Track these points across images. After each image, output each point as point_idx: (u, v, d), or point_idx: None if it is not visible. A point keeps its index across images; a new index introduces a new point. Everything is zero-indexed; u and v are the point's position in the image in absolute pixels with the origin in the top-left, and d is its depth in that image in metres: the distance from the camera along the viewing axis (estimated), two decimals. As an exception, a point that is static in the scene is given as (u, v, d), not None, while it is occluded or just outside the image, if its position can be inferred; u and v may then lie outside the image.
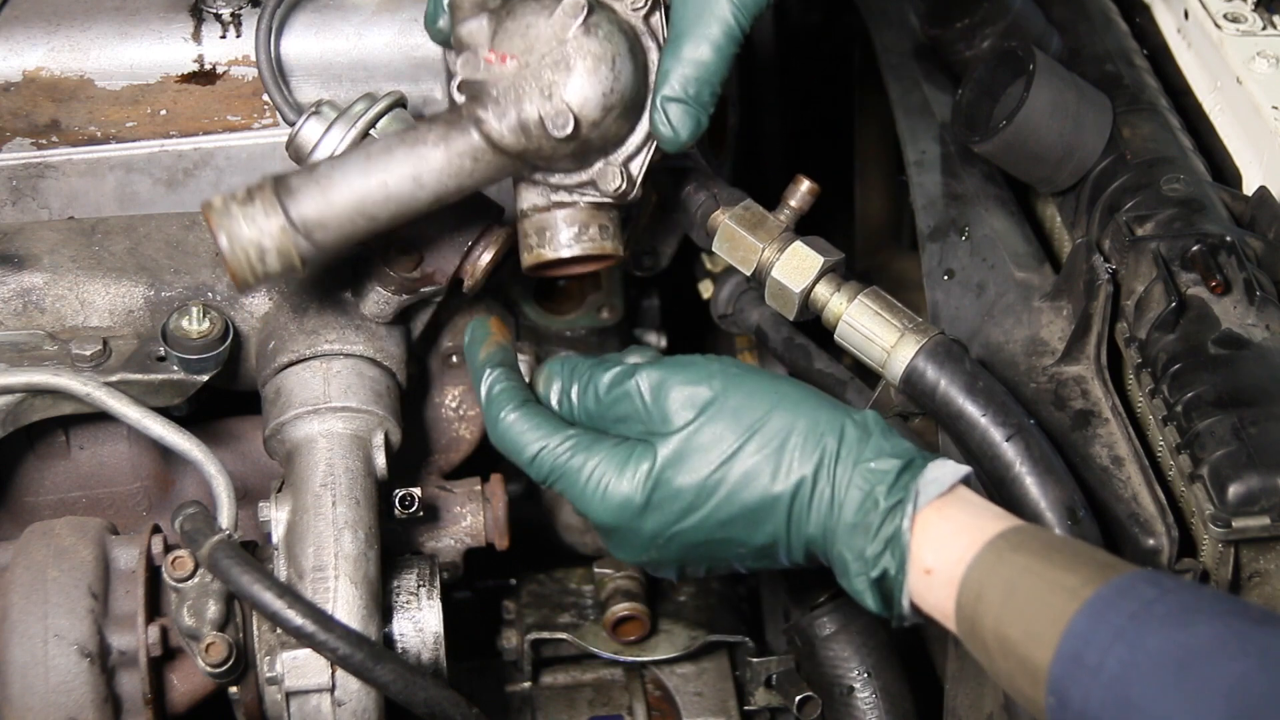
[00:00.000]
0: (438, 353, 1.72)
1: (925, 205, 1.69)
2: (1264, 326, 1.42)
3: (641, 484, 1.29)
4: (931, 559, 1.20)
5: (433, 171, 1.34)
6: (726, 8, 1.30)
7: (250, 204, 1.32)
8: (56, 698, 1.36)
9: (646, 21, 1.36)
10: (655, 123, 1.33)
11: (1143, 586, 1.06)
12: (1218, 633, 1.01)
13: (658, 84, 1.33)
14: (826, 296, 1.45)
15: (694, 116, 1.32)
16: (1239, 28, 1.70)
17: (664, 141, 1.34)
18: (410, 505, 1.54)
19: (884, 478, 1.23)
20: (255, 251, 1.32)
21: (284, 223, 1.32)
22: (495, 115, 1.32)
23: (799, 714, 1.77)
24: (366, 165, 1.34)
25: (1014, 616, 1.11)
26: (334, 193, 1.33)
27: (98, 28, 1.60)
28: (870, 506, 1.22)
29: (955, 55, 1.75)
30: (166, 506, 1.64)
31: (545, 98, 1.30)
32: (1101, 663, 1.03)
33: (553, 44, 1.30)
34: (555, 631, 1.85)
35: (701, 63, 1.31)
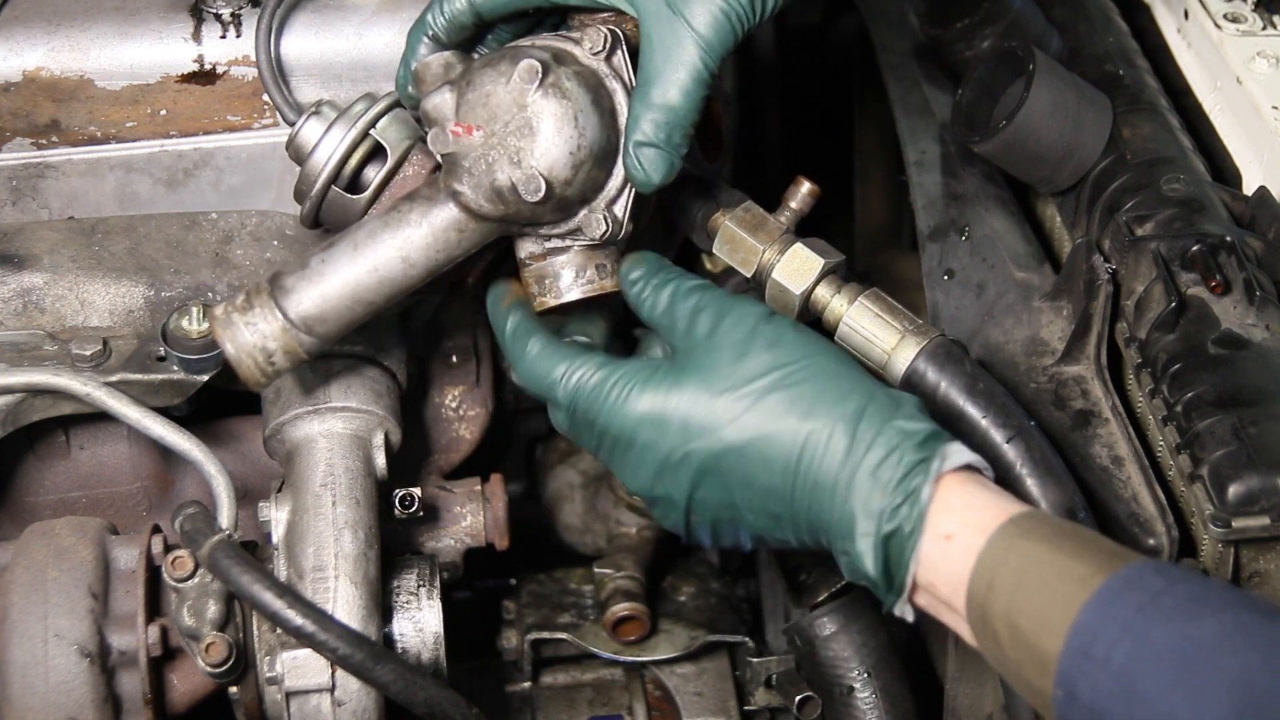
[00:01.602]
0: (438, 353, 1.72)
1: (925, 205, 1.69)
2: (1264, 326, 1.42)
3: (664, 393, 1.30)
4: (952, 525, 1.19)
5: (420, 250, 1.36)
6: (694, 51, 1.30)
7: (250, 310, 1.36)
8: (56, 698, 1.36)
9: (608, 63, 1.36)
10: (629, 167, 1.33)
11: (1150, 577, 1.06)
12: (1224, 626, 1.01)
13: (628, 130, 1.33)
14: (827, 298, 1.45)
15: (666, 159, 1.33)
16: (1239, 28, 1.70)
17: (638, 185, 1.34)
18: (410, 505, 1.54)
19: (912, 436, 1.23)
20: (262, 356, 1.36)
21: (284, 323, 1.35)
22: (470, 186, 1.33)
23: (799, 714, 1.77)
24: (354, 254, 1.36)
25: (1024, 604, 1.11)
26: (328, 286, 1.36)
27: (98, 28, 1.60)
28: (894, 461, 1.22)
29: (955, 55, 1.75)
30: (166, 506, 1.64)
31: (514, 165, 1.31)
32: (1109, 656, 1.03)
33: (514, 110, 1.31)
34: (555, 631, 1.85)
35: (670, 107, 1.31)
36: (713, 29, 1.30)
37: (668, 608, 1.89)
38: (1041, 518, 1.20)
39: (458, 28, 1.41)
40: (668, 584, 1.94)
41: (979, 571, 1.16)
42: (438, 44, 1.42)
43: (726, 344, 1.30)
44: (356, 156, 1.48)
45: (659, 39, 1.31)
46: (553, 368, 1.35)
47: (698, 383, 1.29)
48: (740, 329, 1.31)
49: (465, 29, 1.41)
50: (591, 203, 1.36)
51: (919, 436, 1.23)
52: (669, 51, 1.31)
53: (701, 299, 1.35)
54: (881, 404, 1.26)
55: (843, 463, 1.24)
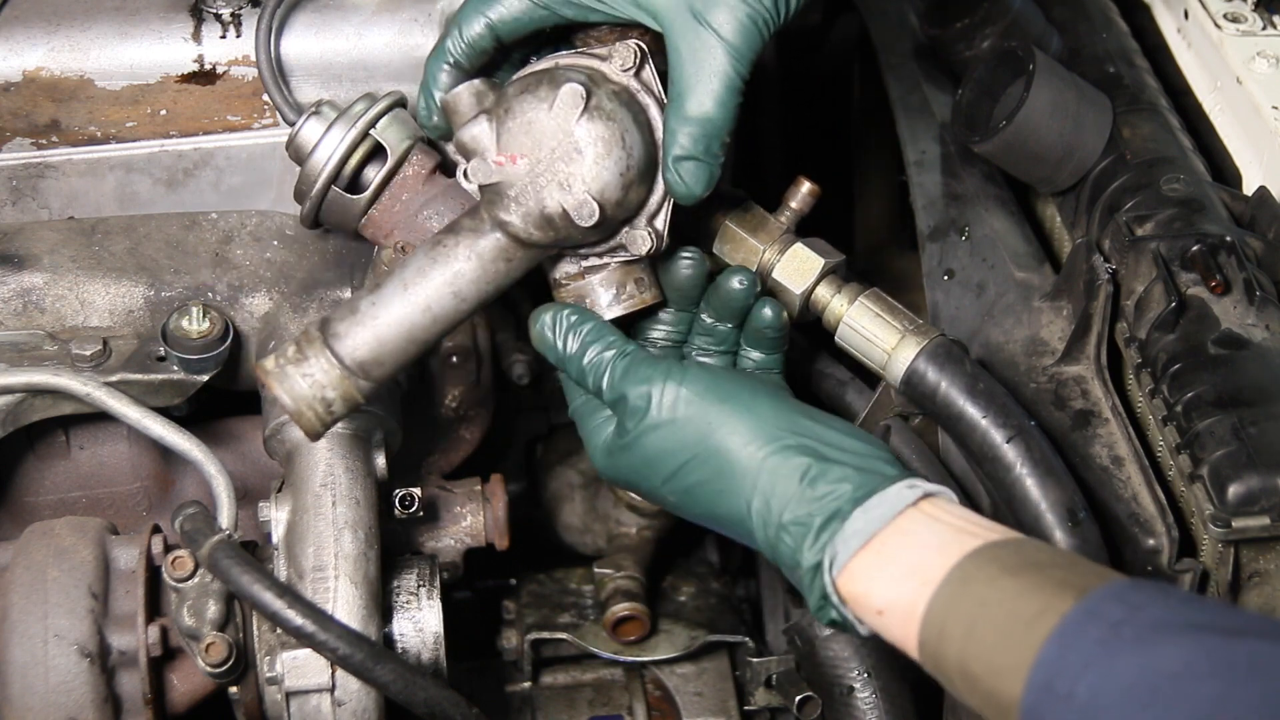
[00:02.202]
0: (438, 353, 1.72)
1: (925, 205, 1.69)
2: (1264, 326, 1.42)
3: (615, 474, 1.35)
4: (881, 601, 1.17)
5: (470, 283, 1.34)
6: (725, 60, 1.29)
7: (304, 361, 1.32)
8: (56, 698, 1.36)
9: (638, 78, 1.34)
10: (670, 182, 1.32)
11: (1110, 606, 1.04)
12: (1186, 653, 0.99)
13: (667, 144, 1.32)
14: (827, 298, 1.45)
15: (707, 170, 1.32)
16: (1239, 28, 1.70)
17: (680, 198, 1.33)
18: (410, 505, 1.54)
19: (803, 537, 1.21)
20: (321, 406, 1.33)
21: (341, 372, 1.32)
22: (518, 215, 1.31)
23: (799, 714, 1.77)
24: (405, 294, 1.34)
25: (976, 652, 1.09)
26: (382, 329, 1.33)
27: (98, 28, 1.60)
28: (795, 564, 1.22)
29: (955, 55, 1.75)
30: (166, 506, 1.64)
31: (565, 190, 1.29)
32: (1072, 691, 1.01)
33: (560, 136, 1.29)
34: (555, 631, 1.85)
35: (707, 118, 1.30)
36: (740, 35, 1.29)
37: (668, 608, 1.89)
38: (991, 554, 1.15)
39: (478, 52, 1.39)
40: (668, 584, 1.94)
41: (928, 621, 1.14)
42: (458, 70, 1.39)
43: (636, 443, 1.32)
44: (356, 156, 1.48)
45: (688, 50, 1.30)
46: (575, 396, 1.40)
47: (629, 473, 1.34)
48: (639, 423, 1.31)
49: (485, 53, 1.39)
50: (635, 220, 1.35)
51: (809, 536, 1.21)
52: (699, 62, 1.29)
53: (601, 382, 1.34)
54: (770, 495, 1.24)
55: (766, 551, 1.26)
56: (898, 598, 1.16)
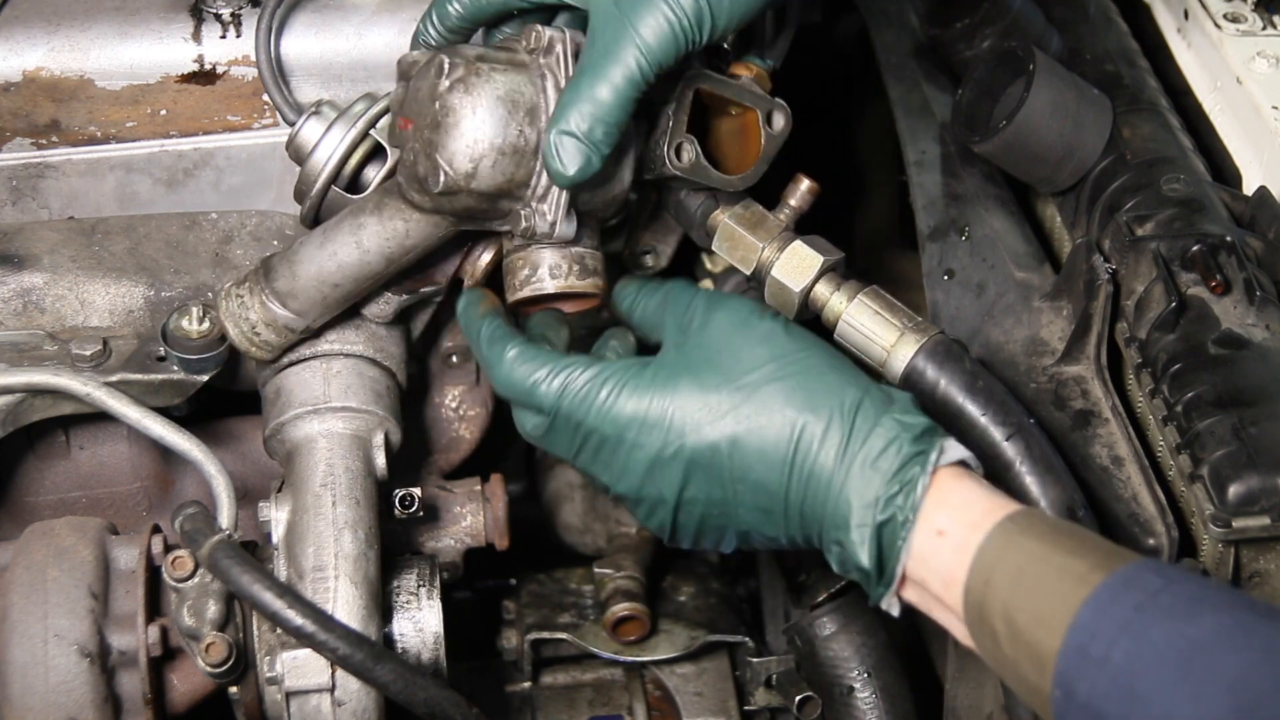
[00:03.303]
0: (438, 353, 1.72)
1: (925, 205, 1.69)
2: (1264, 326, 1.42)
3: (657, 390, 1.30)
4: (945, 521, 1.20)
5: (372, 237, 1.43)
6: (632, 53, 1.30)
7: (242, 285, 1.49)
8: (56, 698, 1.36)
9: (543, 61, 1.36)
10: (545, 155, 1.33)
11: (1148, 576, 1.06)
12: (1222, 625, 1.01)
13: (554, 117, 1.32)
14: (826, 296, 1.45)
15: (584, 153, 1.31)
16: (1239, 28, 1.70)
17: (552, 174, 1.33)
18: (410, 505, 1.54)
19: (909, 429, 1.24)
20: (246, 325, 1.48)
21: (263, 298, 1.47)
22: (405, 177, 1.38)
23: (799, 714, 1.77)
24: (322, 238, 1.45)
25: (1022, 601, 1.11)
26: (298, 266, 1.46)
27: (98, 28, 1.60)
28: (892, 451, 1.23)
29: (955, 55, 1.75)
30: (166, 506, 1.64)
31: (427, 157, 1.34)
32: (1107, 655, 1.03)
33: (428, 104, 1.34)
34: (555, 631, 1.85)
35: (598, 100, 1.31)
36: (655, 35, 1.30)
37: (668, 608, 1.89)
38: (1040, 515, 1.20)
39: (451, 33, 1.44)
40: (668, 584, 1.94)
41: (976, 568, 1.16)
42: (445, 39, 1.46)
43: (719, 339, 1.31)
44: (356, 156, 1.48)
45: (601, 35, 1.32)
46: (534, 370, 1.34)
47: (691, 378, 1.29)
48: (733, 324, 1.32)
49: (460, 34, 1.44)
50: (520, 198, 1.37)
51: (916, 430, 1.24)
52: (608, 48, 1.31)
53: (694, 298, 1.36)
54: (877, 397, 1.27)
55: (839, 453, 1.24)
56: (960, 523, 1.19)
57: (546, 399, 1.33)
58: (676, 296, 1.38)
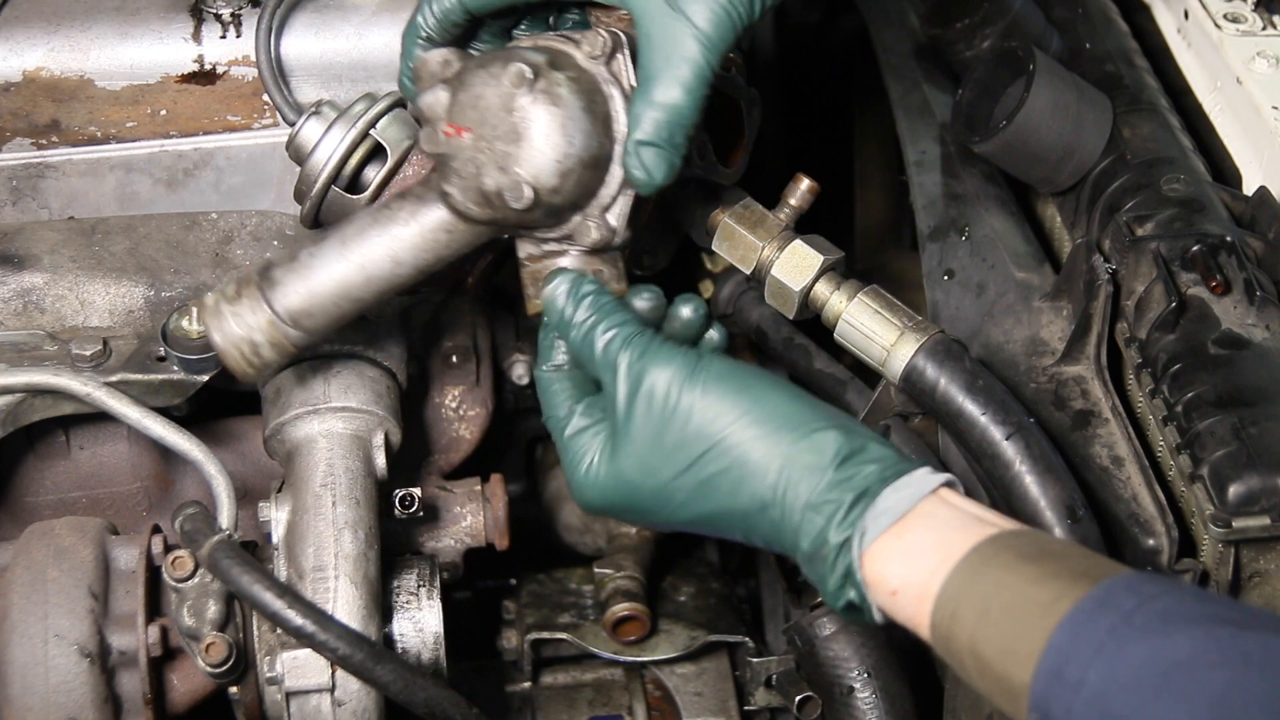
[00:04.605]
0: (438, 353, 1.72)
1: (925, 205, 1.69)
2: (1264, 326, 1.42)
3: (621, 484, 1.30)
4: (895, 581, 1.17)
5: (408, 249, 1.34)
6: (695, 48, 1.28)
7: (238, 301, 1.35)
8: (56, 698, 1.36)
9: (608, 67, 1.33)
10: (629, 167, 1.31)
11: (1122, 596, 1.04)
12: (1197, 642, 0.99)
13: (630, 128, 1.30)
14: (826, 295, 1.45)
15: (667, 159, 1.30)
16: (1239, 28, 1.70)
17: (639, 185, 1.32)
18: (410, 505, 1.54)
19: (833, 515, 1.20)
20: (248, 347, 1.35)
21: (270, 317, 1.34)
22: (458, 189, 1.31)
23: (799, 714, 1.77)
24: (343, 250, 1.35)
25: (989, 635, 1.09)
26: (315, 281, 1.34)
27: (98, 28, 1.60)
28: (821, 542, 1.20)
29: (955, 55, 1.75)
30: (166, 506, 1.64)
31: (501, 170, 1.28)
32: (1083, 678, 1.01)
33: (502, 114, 1.28)
34: (555, 631, 1.84)
35: (673, 106, 1.29)
36: (713, 24, 1.28)
37: (668, 608, 1.89)
38: (1008, 541, 1.15)
39: (449, 25, 1.38)
40: (668, 584, 1.94)
41: (941, 603, 1.14)
42: (430, 44, 1.39)
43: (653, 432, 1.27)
44: (356, 156, 1.48)
45: (659, 37, 1.29)
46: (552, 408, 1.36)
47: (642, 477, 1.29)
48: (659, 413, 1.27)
49: (457, 26, 1.38)
50: (584, 209, 1.33)
51: (839, 513, 1.20)
52: (670, 49, 1.29)
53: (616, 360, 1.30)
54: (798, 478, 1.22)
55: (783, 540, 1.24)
56: (912, 578, 1.16)
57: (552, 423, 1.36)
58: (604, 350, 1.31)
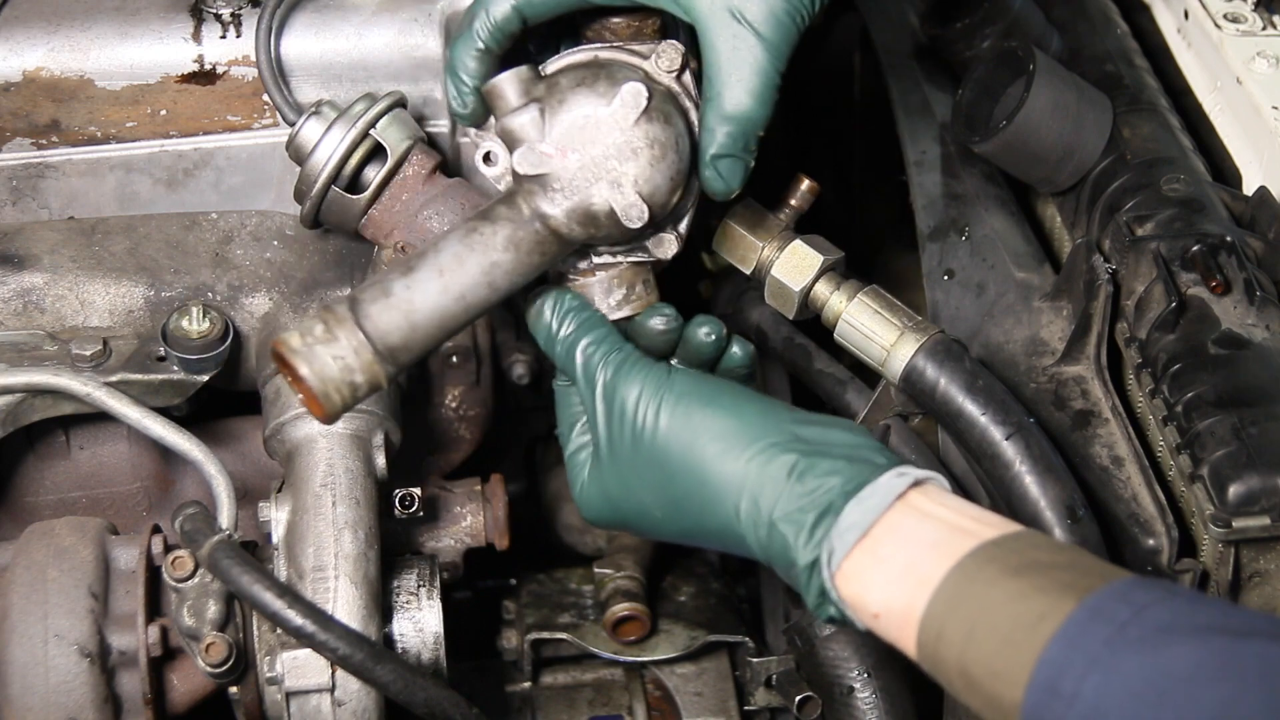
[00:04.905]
0: (438, 353, 1.71)
1: (925, 205, 1.69)
2: (1264, 326, 1.42)
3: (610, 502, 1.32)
4: (876, 604, 1.15)
5: (505, 275, 1.30)
6: (762, 56, 1.28)
7: (333, 341, 1.25)
8: (56, 698, 1.36)
9: (680, 81, 1.34)
10: (708, 179, 1.32)
11: (1115, 607, 1.02)
12: (1196, 654, 0.98)
13: (704, 142, 1.31)
14: (826, 295, 1.45)
15: (743, 166, 1.32)
16: (1239, 28, 1.70)
17: (717, 194, 1.33)
18: (410, 505, 1.54)
19: (797, 534, 1.18)
20: (349, 389, 1.26)
21: (373, 355, 1.26)
22: (562, 210, 1.30)
23: (799, 714, 1.77)
24: (441, 280, 1.29)
25: (976, 655, 1.07)
26: (416, 315, 1.28)
27: (98, 28, 1.60)
28: (789, 563, 1.19)
29: (955, 55, 1.75)
30: (166, 506, 1.64)
31: (615, 189, 1.28)
32: (1077, 691, 0.99)
33: (616, 135, 1.28)
34: (555, 631, 1.85)
35: (744, 116, 1.29)
36: (776, 30, 1.28)
37: (668, 608, 1.89)
38: (989, 554, 1.11)
39: (506, 36, 1.35)
40: (668, 584, 1.94)
41: (926, 625, 1.12)
42: (486, 55, 1.35)
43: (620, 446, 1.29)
44: (356, 156, 1.48)
45: (724, 45, 1.28)
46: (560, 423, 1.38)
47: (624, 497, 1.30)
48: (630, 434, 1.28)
49: (512, 36, 1.35)
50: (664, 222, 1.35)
51: (803, 532, 1.18)
52: (736, 58, 1.28)
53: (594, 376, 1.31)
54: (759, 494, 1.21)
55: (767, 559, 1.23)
56: (894, 601, 1.14)
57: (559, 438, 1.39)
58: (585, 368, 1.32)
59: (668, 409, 1.27)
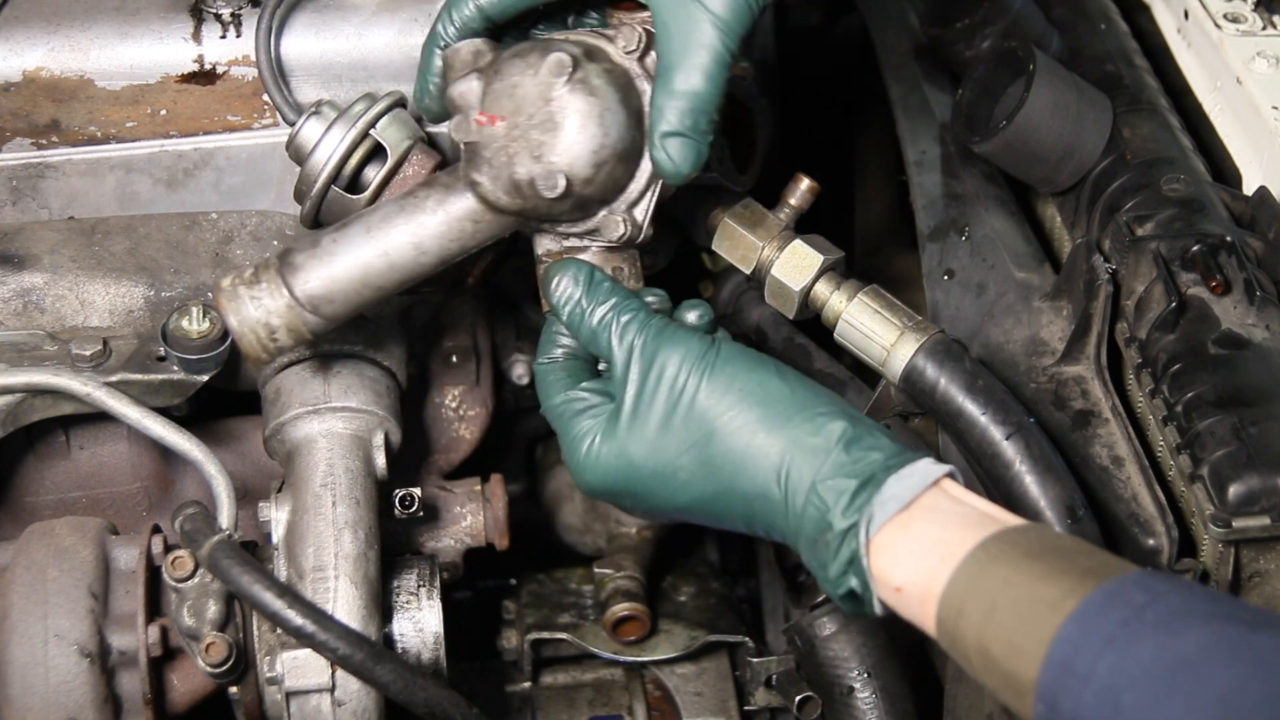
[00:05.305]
0: (438, 353, 1.72)
1: (925, 205, 1.69)
2: (1264, 326, 1.42)
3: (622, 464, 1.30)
4: (900, 578, 1.17)
5: (433, 238, 1.34)
6: (712, 34, 1.28)
7: (256, 284, 1.34)
8: (56, 698, 1.36)
9: (641, 63, 1.34)
10: (657, 160, 1.31)
11: (1132, 591, 1.05)
12: (1209, 639, 1.00)
13: (654, 121, 1.31)
14: (826, 295, 1.45)
15: (694, 148, 1.31)
16: (1239, 28, 1.70)
17: (667, 176, 1.32)
18: (410, 505, 1.54)
19: (838, 499, 1.20)
20: (265, 331, 1.34)
21: (289, 301, 1.33)
22: (489, 177, 1.31)
23: (799, 714, 1.77)
24: (368, 237, 1.34)
25: (995, 632, 1.09)
26: (337, 267, 1.34)
27: (98, 28, 1.60)
28: (825, 528, 1.20)
29: (955, 55, 1.75)
30: (166, 506, 1.64)
31: (535, 159, 1.29)
32: (1092, 670, 1.02)
33: (539, 104, 1.29)
34: (555, 631, 1.85)
35: (695, 93, 1.29)
36: (729, 9, 1.28)
37: (668, 608, 1.89)
38: (1015, 538, 1.15)
39: (469, 34, 1.38)
40: (668, 584, 1.94)
41: (947, 600, 1.14)
42: None
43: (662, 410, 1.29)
44: (356, 156, 1.48)
45: (675, 25, 1.29)
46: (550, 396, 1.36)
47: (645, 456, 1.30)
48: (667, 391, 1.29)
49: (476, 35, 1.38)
50: (612, 204, 1.34)
51: (846, 497, 1.20)
52: (687, 36, 1.29)
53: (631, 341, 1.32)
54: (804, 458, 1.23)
55: (785, 525, 1.24)
56: (917, 575, 1.16)
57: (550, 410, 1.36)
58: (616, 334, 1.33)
59: (713, 373, 1.28)
